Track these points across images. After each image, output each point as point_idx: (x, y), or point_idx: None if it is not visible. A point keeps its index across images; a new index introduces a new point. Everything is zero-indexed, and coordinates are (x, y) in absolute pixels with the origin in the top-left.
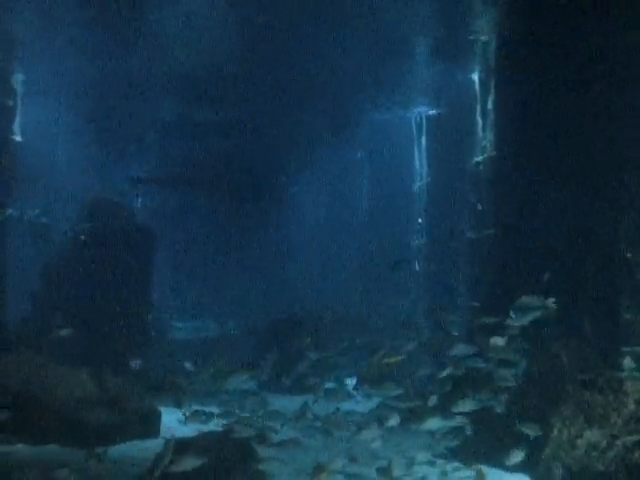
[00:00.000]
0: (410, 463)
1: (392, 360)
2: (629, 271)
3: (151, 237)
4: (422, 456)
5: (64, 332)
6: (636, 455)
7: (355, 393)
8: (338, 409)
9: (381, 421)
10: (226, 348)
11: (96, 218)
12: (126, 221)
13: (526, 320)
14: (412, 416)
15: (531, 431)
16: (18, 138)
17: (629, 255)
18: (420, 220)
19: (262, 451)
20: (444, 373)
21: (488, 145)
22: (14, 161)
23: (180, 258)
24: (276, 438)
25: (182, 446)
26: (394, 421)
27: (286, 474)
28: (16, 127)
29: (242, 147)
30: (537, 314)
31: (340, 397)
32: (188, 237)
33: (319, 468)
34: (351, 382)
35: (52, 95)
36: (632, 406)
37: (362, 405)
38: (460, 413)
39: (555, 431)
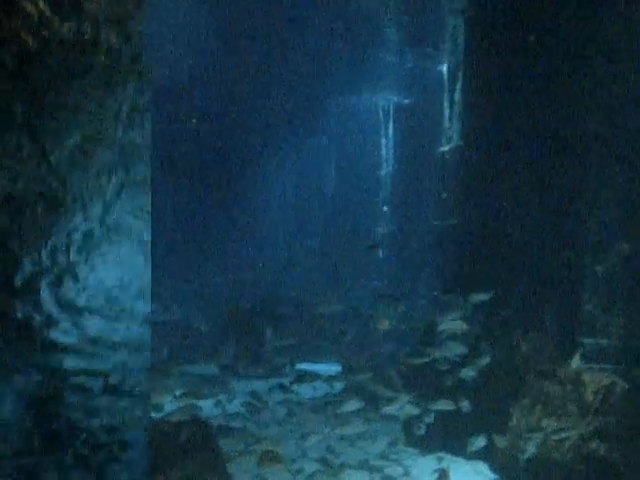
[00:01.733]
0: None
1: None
2: (591, 263)
3: None
4: (382, 441)
5: None
6: (593, 445)
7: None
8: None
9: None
10: (187, 333)
11: None
12: None
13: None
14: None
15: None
16: None
17: (591, 248)
18: (385, 208)
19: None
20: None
21: (454, 135)
22: None
23: None
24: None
25: None
26: (351, 406)
27: (245, 462)
28: None
29: (207, 129)
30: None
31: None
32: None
33: (269, 456)
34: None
35: None
36: (590, 397)
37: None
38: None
39: (514, 420)
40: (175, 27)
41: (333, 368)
